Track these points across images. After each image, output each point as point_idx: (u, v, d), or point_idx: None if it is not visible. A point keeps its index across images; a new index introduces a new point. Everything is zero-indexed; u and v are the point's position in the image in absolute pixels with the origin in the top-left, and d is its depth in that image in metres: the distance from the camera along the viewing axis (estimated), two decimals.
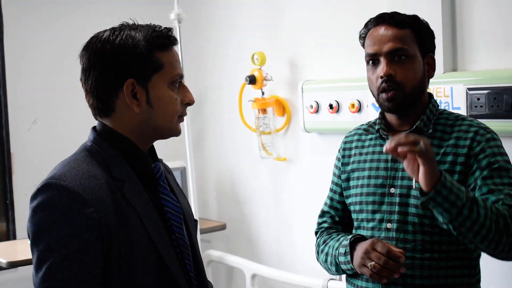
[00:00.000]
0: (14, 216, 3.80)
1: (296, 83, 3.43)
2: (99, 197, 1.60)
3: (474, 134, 2.01)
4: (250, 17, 3.74)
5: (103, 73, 1.68)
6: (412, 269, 2.00)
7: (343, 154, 2.26)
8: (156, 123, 1.72)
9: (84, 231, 1.57)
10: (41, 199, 1.59)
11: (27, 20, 3.85)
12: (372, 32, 2.09)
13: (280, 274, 3.42)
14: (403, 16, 2.08)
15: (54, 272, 1.54)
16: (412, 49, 2.04)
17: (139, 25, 1.73)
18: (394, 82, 2.02)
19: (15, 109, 3.81)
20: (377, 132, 2.15)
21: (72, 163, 1.66)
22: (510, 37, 2.57)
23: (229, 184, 4.02)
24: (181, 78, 1.75)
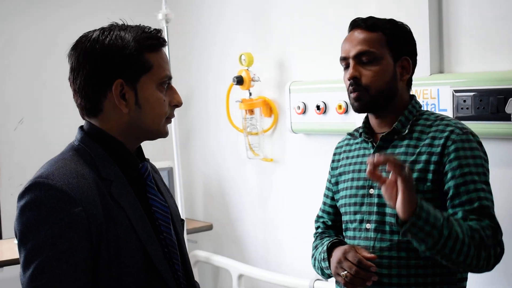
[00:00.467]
0: (0, 216, 3.78)
1: (284, 84, 3.43)
2: (87, 196, 1.60)
3: (449, 133, 2.02)
4: (238, 18, 3.74)
5: (92, 73, 1.67)
6: (389, 269, 2.02)
7: (333, 159, 2.32)
8: (144, 124, 1.72)
9: (73, 231, 1.56)
10: (28, 198, 1.58)
11: (13, 19, 3.83)
12: (346, 37, 2.14)
13: (266, 274, 3.42)
14: (376, 20, 2.10)
15: (42, 271, 1.53)
16: (380, 52, 2.06)
17: (129, 26, 1.73)
18: (359, 84, 2.07)
19: (1, 109, 3.80)
20: (360, 136, 2.18)
21: (60, 162, 1.65)
22: (495, 40, 2.58)
23: (216, 184, 4.02)
24: (169, 79, 1.75)
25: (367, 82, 2.06)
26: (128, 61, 1.67)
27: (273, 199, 3.65)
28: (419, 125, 2.09)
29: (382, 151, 2.10)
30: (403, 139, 2.08)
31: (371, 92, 2.06)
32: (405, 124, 2.09)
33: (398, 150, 2.07)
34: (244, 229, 3.85)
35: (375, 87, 2.06)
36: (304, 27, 3.35)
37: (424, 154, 2.03)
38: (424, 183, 2.01)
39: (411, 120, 2.10)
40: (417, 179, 2.01)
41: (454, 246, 1.84)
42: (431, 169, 2.01)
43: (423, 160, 2.02)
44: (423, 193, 2.01)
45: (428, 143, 2.04)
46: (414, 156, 2.04)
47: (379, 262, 2.02)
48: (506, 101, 2.44)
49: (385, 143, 2.10)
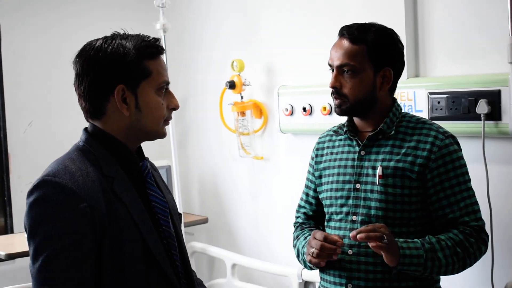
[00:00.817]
0: (12, 211, 3.78)
1: (272, 88, 3.43)
2: (92, 193, 1.60)
3: (434, 139, 2.05)
4: (230, 27, 3.74)
5: (96, 78, 1.67)
6: (375, 257, 2.02)
7: (316, 154, 2.30)
8: (144, 126, 1.71)
9: (78, 225, 1.56)
10: (37, 195, 1.58)
11: (23, 29, 3.81)
12: (334, 43, 2.14)
13: (258, 263, 3.42)
14: (362, 31, 2.07)
15: (50, 263, 1.54)
16: (360, 65, 2.06)
17: (130, 35, 1.73)
18: (339, 93, 2.09)
19: (12, 112, 3.78)
20: (345, 134, 2.18)
21: (66, 162, 1.65)
22: (467, 46, 2.59)
23: (211, 181, 4.01)
24: (167, 84, 1.75)
25: (346, 92, 2.07)
26: (129, 68, 1.66)
27: (263, 194, 3.65)
28: (402, 126, 2.11)
29: (367, 149, 2.11)
30: (388, 139, 2.09)
31: (350, 101, 2.07)
32: (390, 126, 2.10)
33: (384, 149, 2.09)
34: (237, 222, 3.85)
35: (353, 97, 2.07)
36: (291, 36, 3.35)
37: (410, 156, 2.05)
38: (409, 179, 2.04)
39: (395, 121, 2.11)
40: (402, 176, 2.04)
41: (440, 269, 1.98)
42: (416, 170, 2.04)
43: (408, 161, 2.04)
44: (409, 188, 2.03)
45: (414, 146, 2.06)
46: (400, 156, 2.06)
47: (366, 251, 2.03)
48: (476, 102, 2.45)
49: (370, 141, 2.11)
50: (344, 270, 2.07)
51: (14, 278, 3.51)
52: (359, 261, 2.04)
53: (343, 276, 2.07)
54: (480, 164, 2.43)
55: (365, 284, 2.04)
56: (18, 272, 3.63)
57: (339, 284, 2.09)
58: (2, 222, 3.79)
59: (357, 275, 2.05)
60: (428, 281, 2.08)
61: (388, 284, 2.03)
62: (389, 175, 2.04)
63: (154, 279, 1.68)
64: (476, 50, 2.56)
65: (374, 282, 2.03)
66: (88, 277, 1.58)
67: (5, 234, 3.77)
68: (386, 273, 2.02)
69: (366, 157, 2.10)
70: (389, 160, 2.06)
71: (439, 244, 1.96)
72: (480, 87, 2.45)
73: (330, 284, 2.13)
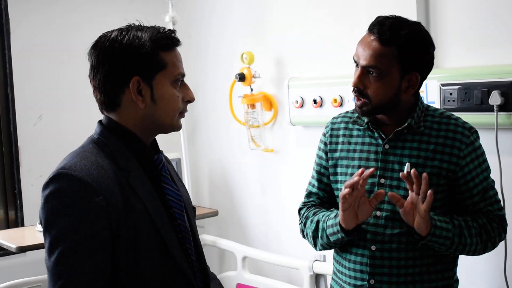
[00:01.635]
0: (22, 205, 3.79)
1: (282, 80, 3.42)
2: (107, 186, 1.59)
3: (461, 136, 2.03)
4: (240, 19, 3.72)
5: (111, 70, 1.65)
6: (398, 252, 2.00)
7: (330, 141, 2.20)
8: (159, 119, 1.70)
9: (94, 218, 1.55)
10: (53, 188, 1.57)
11: (33, 22, 3.81)
12: (362, 38, 2.02)
13: (268, 256, 3.42)
14: (394, 31, 1.95)
15: (66, 256, 1.53)
16: (387, 68, 1.96)
17: (145, 27, 1.71)
18: (361, 93, 2.00)
19: (22, 106, 3.78)
20: (365, 124, 2.09)
21: (81, 155, 1.64)
22: (479, 37, 2.57)
23: (221, 174, 4.01)
24: (183, 77, 1.74)
25: (369, 93, 1.99)
26: (144, 60, 1.65)
27: (273, 186, 3.64)
28: (428, 121, 2.06)
29: (392, 143, 2.05)
30: (414, 134, 2.04)
31: (372, 103, 1.99)
32: (417, 121, 2.04)
33: (410, 144, 2.03)
34: (247, 214, 3.84)
35: (376, 100, 1.99)
36: (301, 28, 3.34)
37: (438, 153, 2.01)
38: (438, 178, 2.00)
39: (421, 116, 2.06)
40: (431, 174, 1.98)
41: (464, 248, 1.98)
42: (445, 167, 2.01)
43: (438, 158, 2.01)
44: (436, 186, 2.00)
45: (442, 142, 2.02)
46: (429, 152, 2.01)
47: (390, 246, 2.01)
48: (489, 93, 2.43)
49: (395, 136, 2.04)
50: (367, 265, 2.03)
51: (25, 271, 3.51)
52: (382, 256, 2.01)
53: (365, 271, 2.03)
54: (493, 156, 2.41)
55: (388, 280, 2.01)
56: (29, 265, 3.64)
57: (360, 279, 2.05)
58: (13, 215, 3.80)
59: (380, 270, 2.02)
60: (449, 274, 2.08)
61: (411, 278, 2.01)
62: (417, 172, 1.95)
63: (169, 273, 1.67)
64: (489, 41, 2.54)
65: (398, 278, 2.01)
66: (104, 271, 1.57)
67: (15, 227, 3.78)
68: (409, 268, 2.01)
69: (391, 151, 2.04)
70: (417, 157, 2.01)
71: (466, 223, 1.98)
72: (493, 78, 2.43)
73: (350, 279, 2.08)
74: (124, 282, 1.61)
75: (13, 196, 3.79)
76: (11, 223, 3.80)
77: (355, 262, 2.06)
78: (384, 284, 2.02)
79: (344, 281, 2.11)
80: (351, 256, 2.08)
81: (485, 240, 2.01)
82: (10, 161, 3.78)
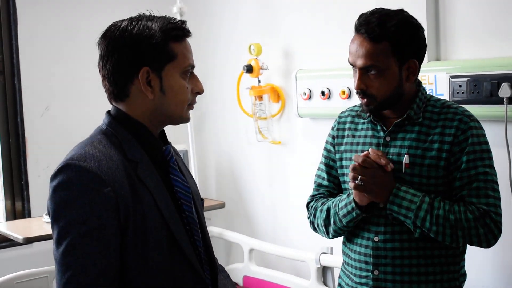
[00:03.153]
0: (29, 195, 3.79)
1: (290, 72, 3.41)
2: (116, 177, 1.58)
3: (459, 122, 2.00)
4: (248, 11, 3.71)
5: (120, 60, 1.65)
6: (401, 243, 2.01)
7: (337, 134, 2.23)
8: (168, 110, 1.70)
9: (102, 209, 1.55)
10: (61, 178, 1.56)
11: (40, 11, 3.81)
12: (352, 40, 2.03)
13: (275, 248, 3.42)
14: (381, 27, 1.96)
15: (74, 247, 1.53)
16: (384, 64, 1.97)
17: (155, 17, 1.71)
18: (366, 94, 2.02)
19: (28, 97, 3.78)
20: (368, 117, 2.12)
21: (90, 145, 1.63)
22: (488, 28, 2.56)
23: (228, 165, 4.00)
24: (192, 68, 1.74)
25: (373, 92, 2.00)
26: (154, 50, 1.65)
27: (280, 179, 3.64)
28: (428, 111, 2.06)
29: (393, 135, 2.06)
30: (414, 125, 2.05)
31: (378, 100, 2.01)
32: (417, 112, 2.05)
33: (409, 135, 2.04)
34: (254, 206, 3.84)
35: (381, 96, 2.00)
36: (309, 19, 3.33)
37: (436, 142, 2.01)
38: (436, 169, 2.00)
39: (422, 107, 2.06)
40: (430, 165, 2.00)
41: (431, 227, 1.94)
42: (443, 156, 2.00)
43: (435, 148, 2.00)
44: (436, 179, 2.00)
45: (439, 131, 2.01)
46: (427, 144, 2.01)
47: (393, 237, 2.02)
48: (499, 85, 2.42)
49: (396, 128, 2.06)
50: (370, 256, 2.05)
51: (32, 262, 3.52)
52: (386, 248, 2.03)
53: (369, 262, 2.05)
54: (503, 149, 2.40)
55: (392, 270, 2.03)
56: (36, 256, 3.66)
57: (365, 270, 2.07)
58: (20, 206, 3.80)
59: (383, 261, 2.03)
60: (454, 267, 2.06)
61: (415, 270, 2.02)
62: (416, 164, 2.00)
63: (177, 264, 1.67)
64: (498, 32, 2.52)
65: (402, 268, 2.02)
66: (113, 262, 1.56)
67: (22, 218, 3.78)
68: (414, 259, 2.01)
69: (391, 143, 2.06)
70: (416, 148, 2.02)
71: (439, 203, 1.95)
72: (503, 70, 2.42)
73: (355, 270, 2.11)
74: (132, 274, 1.60)
75: (20, 187, 3.79)
76: (18, 214, 3.80)
77: (360, 253, 2.08)
78: (388, 275, 2.03)
79: (351, 272, 2.14)
80: (356, 247, 2.10)
81: (453, 226, 1.92)
82: (17, 152, 3.78)
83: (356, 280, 2.10)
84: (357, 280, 2.10)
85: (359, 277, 2.09)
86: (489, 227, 1.94)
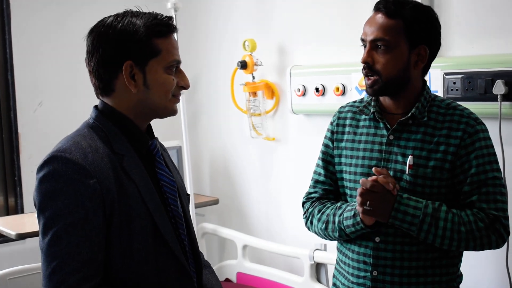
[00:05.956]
0: (22, 191, 3.78)
1: (284, 68, 3.40)
2: (101, 169, 1.61)
3: (465, 126, 1.98)
4: (242, 6, 3.70)
5: (105, 55, 1.68)
6: (402, 245, 2.00)
7: (336, 130, 2.19)
8: (152, 103, 1.72)
9: (87, 201, 1.57)
10: (47, 170, 1.59)
11: (32, 8, 3.79)
12: (369, 18, 2.04)
13: (269, 244, 3.41)
14: (399, 5, 1.98)
15: (59, 238, 1.55)
16: (395, 40, 1.96)
17: (142, 13, 1.73)
18: (372, 69, 2.00)
19: (22, 92, 3.77)
20: (372, 114, 2.09)
21: (76, 138, 1.66)
22: (483, 26, 2.56)
23: (222, 162, 4.00)
24: (178, 63, 1.75)
25: (379, 68, 1.98)
26: (137, 46, 1.67)
27: (274, 175, 3.63)
28: (433, 112, 2.03)
29: (396, 134, 2.03)
30: (419, 125, 2.02)
31: (383, 78, 1.98)
32: (422, 111, 2.02)
33: (415, 136, 2.01)
34: (248, 203, 3.84)
35: (386, 74, 1.98)
36: (304, 15, 3.33)
37: (442, 145, 1.98)
38: (441, 171, 1.98)
39: (426, 106, 2.03)
40: (434, 167, 1.98)
41: (435, 239, 1.94)
42: (449, 159, 1.98)
43: (441, 150, 1.98)
44: (439, 180, 1.98)
45: (445, 133, 1.99)
46: (432, 145, 1.99)
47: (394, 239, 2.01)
48: (493, 82, 2.42)
49: (399, 126, 2.03)
50: (370, 256, 2.02)
51: (25, 258, 3.51)
52: (386, 249, 2.00)
53: (369, 263, 2.02)
54: (497, 146, 2.37)
55: (391, 271, 2.00)
56: (29, 252, 3.65)
57: (364, 270, 2.04)
58: (13, 202, 3.79)
59: (383, 262, 2.01)
60: (452, 269, 2.05)
61: (414, 271, 2.00)
62: (420, 165, 1.97)
63: (162, 256, 1.68)
64: (492, 30, 2.52)
65: (401, 270, 1.99)
66: (98, 252, 1.59)
67: (15, 214, 3.78)
68: (413, 261, 1.99)
69: (395, 142, 2.02)
70: (421, 149, 1.99)
71: (446, 214, 1.92)
72: (497, 67, 2.42)
73: (353, 270, 2.07)
74: (117, 264, 1.63)
75: (13, 183, 3.79)
76: (11, 210, 3.79)
77: (359, 253, 2.05)
78: (387, 276, 2.01)
79: (347, 272, 2.10)
80: (355, 247, 2.07)
81: (465, 239, 1.92)
82: (10, 147, 3.77)
83: (353, 280, 2.07)
84: (354, 280, 2.07)
85: (356, 277, 2.06)
86: (499, 232, 1.94)
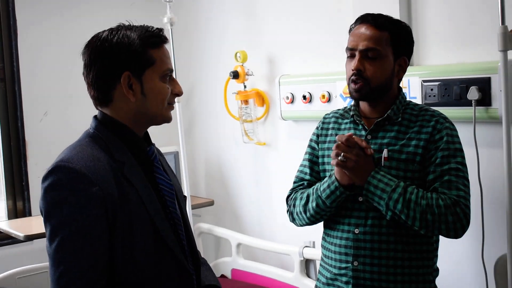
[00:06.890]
0: (29, 196, 3.77)
1: (274, 78, 3.41)
2: (103, 177, 1.59)
3: (435, 123, 2.04)
4: (233, 20, 3.71)
5: (102, 68, 1.67)
6: (379, 236, 2.01)
7: (320, 133, 2.24)
8: (150, 111, 1.70)
9: (91, 208, 1.56)
10: (51, 180, 1.57)
11: (38, 22, 3.79)
12: (355, 30, 2.08)
13: (261, 242, 3.42)
14: (385, 19, 2.06)
15: (65, 244, 1.54)
16: (384, 50, 2.02)
17: (134, 26, 1.72)
18: (362, 76, 2.03)
19: (28, 103, 3.76)
20: (351, 117, 2.14)
21: (78, 148, 1.64)
22: (458, 36, 2.57)
23: (216, 165, 4.00)
24: (171, 72, 1.74)
25: (369, 75, 2.02)
26: (134, 57, 1.66)
27: (266, 177, 3.64)
28: (407, 113, 2.09)
29: (373, 133, 2.08)
30: (394, 125, 2.07)
31: (371, 85, 2.02)
32: (397, 113, 2.08)
33: (389, 134, 2.06)
34: (241, 204, 3.84)
35: (376, 81, 2.02)
36: (291, 28, 3.33)
37: (413, 140, 2.03)
38: (412, 163, 2.02)
39: (401, 109, 2.09)
40: (406, 160, 2.01)
41: (402, 208, 1.92)
42: (419, 152, 2.01)
43: (412, 144, 2.02)
44: (412, 172, 2.01)
45: (417, 130, 2.04)
46: (404, 140, 2.03)
47: (372, 230, 2.02)
48: (467, 89, 2.43)
49: (376, 127, 2.08)
50: (351, 248, 2.04)
51: (33, 258, 3.51)
52: (365, 239, 2.02)
53: (350, 254, 2.04)
54: (471, 148, 2.41)
55: (371, 262, 2.01)
56: (36, 252, 3.63)
57: (345, 261, 2.05)
58: (21, 205, 3.78)
59: (363, 252, 2.02)
60: (428, 262, 2.06)
61: (392, 262, 2.01)
62: (394, 158, 2.02)
63: (162, 257, 1.68)
64: (468, 40, 2.54)
65: (380, 260, 2.01)
66: (102, 257, 1.58)
67: (23, 217, 3.76)
68: (391, 252, 2.01)
69: (372, 141, 2.07)
70: (394, 144, 2.04)
71: (412, 189, 1.94)
72: (471, 74, 2.43)
73: (335, 262, 2.09)
74: (120, 268, 1.61)
75: (21, 187, 3.78)
76: (19, 213, 3.78)
77: (340, 245, 2.07)
78: (367, 266, 2.02)
79: (330, 265, 2.12)
80: (336, 240, 2.09)
81: (424, 211, 1.90)
82: (18, 155, 3.77)
83: (335, 271, 2.09)
84: (336, 271, 2.08)
85: (338, 269, 2.07)
86: (458, 216, 1.92)
